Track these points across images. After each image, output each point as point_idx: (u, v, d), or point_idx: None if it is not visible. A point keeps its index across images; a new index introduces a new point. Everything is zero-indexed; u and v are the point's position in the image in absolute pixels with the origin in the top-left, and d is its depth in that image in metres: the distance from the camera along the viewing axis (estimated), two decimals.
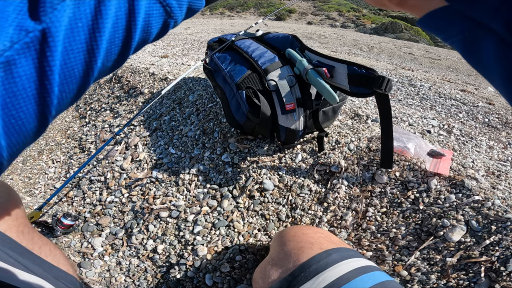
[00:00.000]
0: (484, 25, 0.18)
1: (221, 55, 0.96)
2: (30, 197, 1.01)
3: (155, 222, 0.83)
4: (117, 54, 0.23)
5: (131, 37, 0.23)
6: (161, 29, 0.25)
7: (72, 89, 0.21)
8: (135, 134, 1.13)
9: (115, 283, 0.74)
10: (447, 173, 0.73)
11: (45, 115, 0.20)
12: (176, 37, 3.38)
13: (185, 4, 0.25)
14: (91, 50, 0.20)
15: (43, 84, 0.19)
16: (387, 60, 3.35)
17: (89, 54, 0.20)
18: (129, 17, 0.22)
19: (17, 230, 0.48)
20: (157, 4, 0.23)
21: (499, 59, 0.18)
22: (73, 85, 0.21)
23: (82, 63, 0.20)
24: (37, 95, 0.19)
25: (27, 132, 0.20)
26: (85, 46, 0.20)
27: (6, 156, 0.19)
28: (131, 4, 0.22)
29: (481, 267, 0.59)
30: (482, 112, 1.49)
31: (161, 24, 0.25)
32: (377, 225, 0.72)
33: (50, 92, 0.19)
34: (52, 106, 0.20)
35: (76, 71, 0.20)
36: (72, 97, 0.22)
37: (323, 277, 0.42)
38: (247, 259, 0.72)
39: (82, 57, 0.20)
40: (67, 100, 0.22)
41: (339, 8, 9.35)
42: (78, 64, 0.20)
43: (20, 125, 0.19)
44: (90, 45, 0.20)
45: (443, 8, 0.20)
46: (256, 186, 0.83)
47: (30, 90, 0.18)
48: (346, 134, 0.90)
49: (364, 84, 0.63)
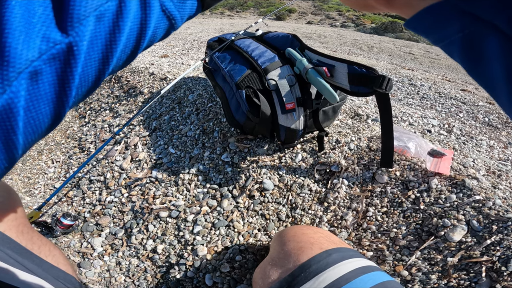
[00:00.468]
0: (487, 22, 0.16)
1: (221, 55, 0.96)
2: (29, 197, 1.01)
3: (154, 222, 0.83)
4: (125, 61, 0.25)
5: (139, 46, 0.25)
6: (163, 37, 0.28)
7: (84, 91, 0.23)
8: (134, 134, 1.12)
9: (115, 283, 0.74)
10: (447, 172, 0.73)
11: (59, 115, 0.22)
12: (176, 37, 3.38)
13: (186, 15, 0.27)
14: (106, 59, 0.22)
15: (63, 90, 0.21)
16: (387, 60, 3.34)
17: (103, 63, 0.22)
18: (141, 30, 0.24)
19: (16, 230, 0.48)
20: (164, 19, 0.25)
21: (503, 59, 0.16)
22: (85, 88, 0.23)
23: (97, 70, 0.22)
24: (56, 99, 0.21)
25: (41, 130, 0.22)
26: (101, 56, 0.22)
27: (21, 153, 0.21)
28: (143, 19, 0.23)
29: (482, 267, 0.59)
30: (483, 111, 1.48)
31: (164, 33, 0.27)
32: (377, 225, 0.72)
33: (69, 96, 0.21)
34: (67, 108, 0.22)
35: (91, 77, 0.22)
36: (81, 99, 0.24)
37: (323, 278, 0.42)
38: (247, 259, 0.72)
39: (97, 65, 0.22)
40: (77, 102, 0.23)
41: (339, 7, 9.33)
42: (93, 71, 0.22)
43: (37, 125, 0.21)
44: (106, 55, 0.22)
45: (438, 4, 0.18)
46: (256, 185, 0.83)
47: (51, 94, 0.20)
48: (346, 133, 0.90)
49: (364, 83, 0.63)
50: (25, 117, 0.19)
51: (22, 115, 0.19)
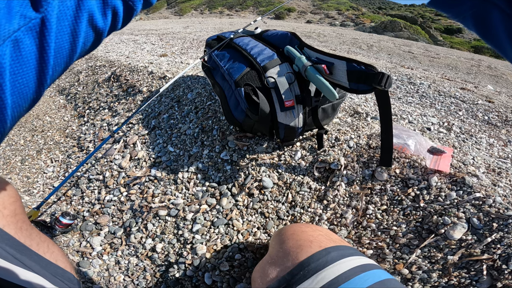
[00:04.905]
0: (491, 2, 0.22)
1: (220, 53, 0.95)
2: (28, 196, 1.01)
3: (153, 221, 0.82)
4: (94, 36, 0.30)
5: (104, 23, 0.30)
6: (125, 17, 0.33)
7: (61, 62, 0.28)
8: (133, 133, 1.12)
9: (114, 282, 0.74)
10: (447, 170, 0.72)
11: (41, 82, 0.26)
12: (175, 36, 3.38)
13: None
14: (74, 32, 0.27)
15: (42, 57, 0.25)
16: (386, 59, 3.34)
17: (72, 35, 0.27)
18: (103, 6, 0.29)
19: (15, 226, 0.47)
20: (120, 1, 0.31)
21: (505, 30, 0.21)
22: (62, 59, 0.28)
23: (68, 41, 0.27)
24: (37, 65, 0.25)
25: (27, 96, 0.26)
26: (69, 29, 0.27)
27: (11, 115, 0.25)
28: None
29: (483, 265, 0.58)
30: (482, 110, 1.48)
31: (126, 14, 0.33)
32: (377, 223, 0.71)
33: (47, 63, 0.26)
34: (48, 75, 0.26)
35: (65, 48, 0.27)
36: (61, 70, 0.29)
37: (322, 276, 0.42)
38: (247, 258, 0.72)
39: (68, 38, 0.27)
40: (57, 72, 0.28)
41: (339, 6, 9.32)
42: (66, 42, 0.27)
43: (22, 88, 0.25)
44: (73, 28, 0.27)
45: None
46: (255, 184, 0.82)
47: (32, 61, 0.25)
48: (346, 131, 0.89)
49: (363, 80, 0.63)
50: (11, 78, 0.23)
51: (9, 77, 0.23)
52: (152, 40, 3.05)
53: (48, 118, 1.52)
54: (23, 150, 1.30)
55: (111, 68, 1.73)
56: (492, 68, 3.69)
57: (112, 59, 1.88)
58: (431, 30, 10.22)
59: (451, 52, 4.76)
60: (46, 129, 1.44)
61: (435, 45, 5.53)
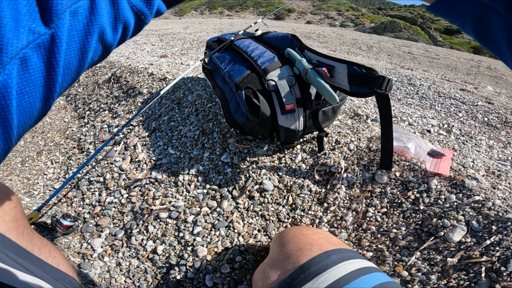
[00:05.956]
0: (490, 7, 0.22)
1: (220, 55, 0.96)
2: (29, 198, 1.01)
3: (154, 223, 0.83)
4: (102, 51, 0.29)
5: (114, 38, 0.29)
6: (134, 31, 0.32)
7: (69, 79, 0.26)
8: (134, 135, 1.12)
9: (115, 284, 0.74)
10: (447, 173, 0.73)
11: (48, 100, 0.25)
12: (175, 37, 3.38)
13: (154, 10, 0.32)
14: (84, 48, 0.26)
15: (50, 75, 0.24)
16: (386, 59, 3.35)
17: (82, 51, 0.26)
18: (115, 22, 0.28)
19: (16, 231, 0.48)
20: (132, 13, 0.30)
21: (504, 34, 0.21)
22: (70, 75, 0.26)
23: (77, 58, 0.26)
24: (45, 84, 0.24)
25: (33, 114, 0.25)
26: (79, 46, 0.26)
27: (16, 134, 0.24)
28: (114, 13, 0.28)
29: (482, 267, 0.59)
30: (482, 111, 1.48)
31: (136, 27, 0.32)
32: (377, 226, 0.72)
33: (55, 81, 0.25)
34: (55, 93, 0.25)
35: (73, 65, 0.26)
36: (67, 86, 0.27)
37: (322, 279, 0.42)
38: (247, 260, 0.72)
39: (77, 54, 0.26)
40: (63, 88, 0.27)
41: (338, 7, 9.33)
42: (75, 58, 0.26)
43: (29, 107, 0.24)
44: (83, 44, 0.26)
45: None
46: (256, 186, 0.83)
47: (39, 80, 0.24)
48: (346, 134, 0.90)
49: (364, 84, 0.63)
50: (18, 98, 0.22)
51: (15, 96, 0.22)
52: (152, 40, 3.05)
53: (48, 119, 1.52)
54: (23, 152, 1.30)
55: (111, 69, 1.73)
56: (492, 69, 3.70)
57: (112, 60, 1.88)
58: (430, 30, 10.25)
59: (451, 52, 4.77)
60: (46, 130, 1.44)
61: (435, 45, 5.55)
